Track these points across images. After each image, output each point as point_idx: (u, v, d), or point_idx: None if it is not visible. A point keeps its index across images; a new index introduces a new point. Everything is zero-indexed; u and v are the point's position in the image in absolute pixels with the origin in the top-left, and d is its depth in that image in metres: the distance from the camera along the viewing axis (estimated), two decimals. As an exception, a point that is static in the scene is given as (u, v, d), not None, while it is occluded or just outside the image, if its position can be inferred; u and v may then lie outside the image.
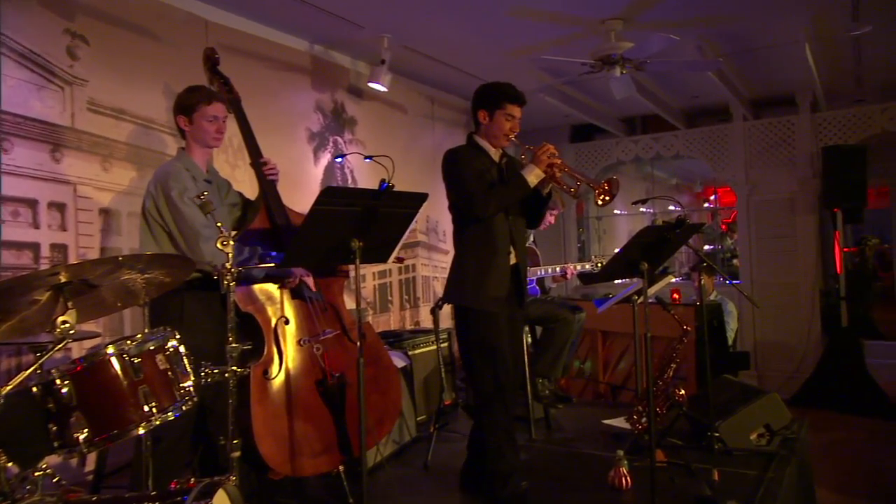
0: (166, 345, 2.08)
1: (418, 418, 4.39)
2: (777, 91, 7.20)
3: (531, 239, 4.47)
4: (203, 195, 2.45)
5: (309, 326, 3.00)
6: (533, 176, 2.99)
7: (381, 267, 5.82)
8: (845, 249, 6.84)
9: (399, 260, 4.18)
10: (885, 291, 10.53)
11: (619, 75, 5.02)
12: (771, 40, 5.54)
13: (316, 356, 2.96)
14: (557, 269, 4.47)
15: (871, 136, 6.98)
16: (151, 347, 2.04)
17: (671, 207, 10.38)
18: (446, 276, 3.21)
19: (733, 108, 7.52)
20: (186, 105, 2.93)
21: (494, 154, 3.19)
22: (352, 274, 2.85)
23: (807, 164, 7.17)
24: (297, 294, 3.03)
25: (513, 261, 3.13)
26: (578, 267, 4.53)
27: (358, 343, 2.57)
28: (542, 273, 4.35)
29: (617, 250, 3.11)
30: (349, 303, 3.30)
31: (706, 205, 12.54)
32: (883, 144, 7.27)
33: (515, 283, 3.14)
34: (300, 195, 4.63)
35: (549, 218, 4.53)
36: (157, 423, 1.96)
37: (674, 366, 3.96)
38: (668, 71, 6.11)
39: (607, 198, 2.94)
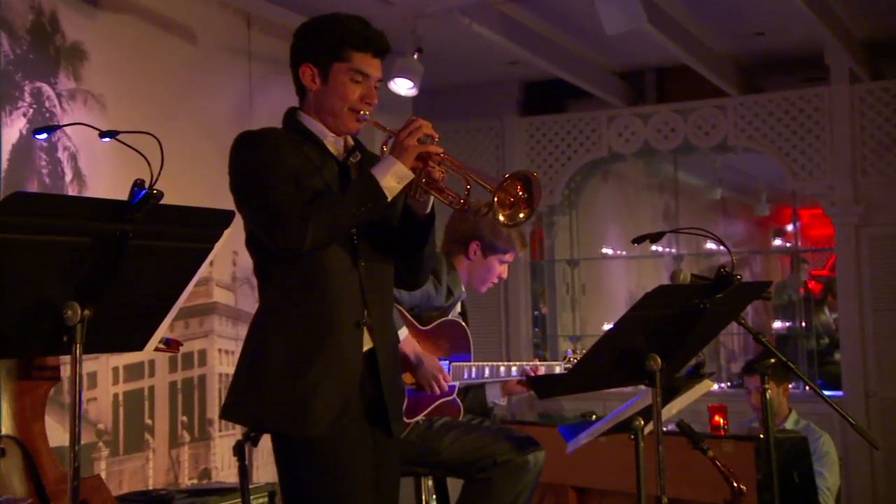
0: None
1: None
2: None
3: (458, 310, 4.55)
4: None
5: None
6: (391, 176, 3.09)
7: (131, 358, 5.74)
8: None
9: (170, 345, 4.09)
10: None
11: (614, -11, 5.23)
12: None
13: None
14: (513, 368, 4.54)
15: None
16: None
17: (710, 247, 10.73)
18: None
19: (832, 59, 7.97)
20: None
21: (334, 144, 3.31)
22: (67, 373, 2.78)
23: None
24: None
25: (366, 345, 3.22)
26: (558, 368, 4.60)
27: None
28: (474, 374, 4.39)
29: (607, 327, 3.20)
30: (59, 433, 3.15)
31: (777, 241, 13.09)
32: None
33: (374, 387, 3.23)
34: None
35: (499, 269, 4.61)
36: None
37: (715, 560, 4.05)
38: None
39: (521, 213, 3.07)
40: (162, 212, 2.56)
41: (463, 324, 4.48)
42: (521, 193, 3.07)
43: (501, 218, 3.06)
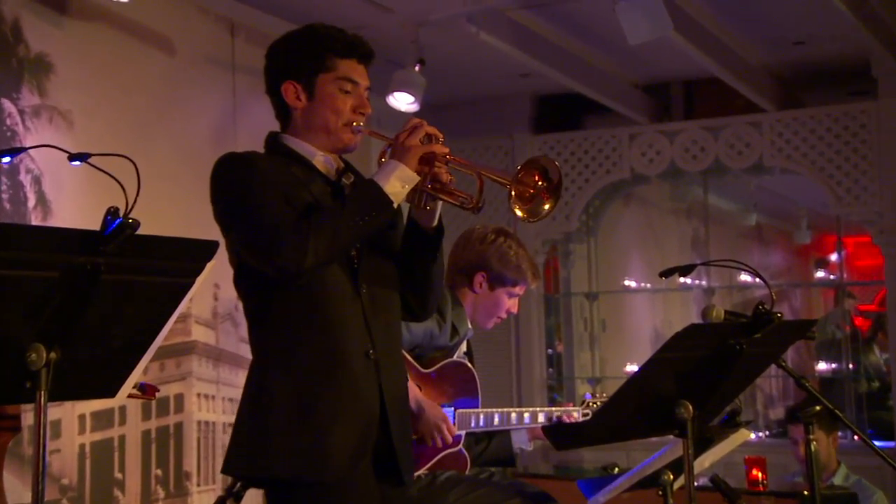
0: None
1: None
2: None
3: (463, 349, 4.53)
4: None
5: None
6: (395, 180, 3.13)
7: (99, 405, 5.72)
8: None
9: (146, 391, 4.08)
10: None
11: (637, -6, 5.25)
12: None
13: None
14: (525, 414, 4.53)
15: None
16: None
17: (744, 279, 10.68)
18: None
19: (879, 70, 7.97)
20: None
21: (324, 164, 3.34)
22: (29, 423, 2.78)
23: None
24: None
25: (374, 382, 3.22)
26: (577, 414, 4.60)
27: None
28: (482, 421, 4.38)
29: (630, 368, 3.19)
30: (19, 489, 3.14)
31: (820, 273, 13.03)
32: None
33: (382, 430, 3.23)
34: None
35: (508, 303, 4.60)
36: None
37: None
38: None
39: (544, 205, 3.09)
40: (138, 243, 2.55)
41: (469, 365, 4.46)
42: (539, 183, 3.09)
43: (521, 214, 3.07)
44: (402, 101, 6.94)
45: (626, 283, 10.29)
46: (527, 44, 7.23)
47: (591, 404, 4.72)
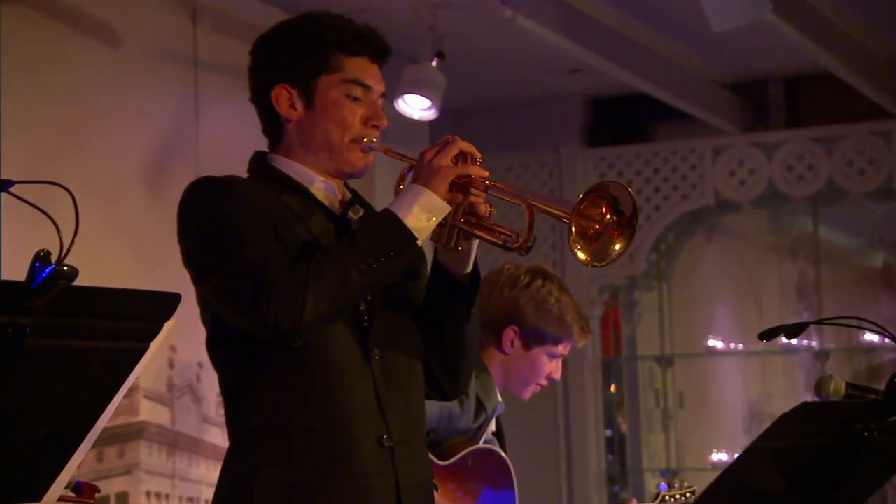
0: None
1: None
2: None
3: (492, 429, 4.55)
4: None
5: None
6: (420, 210, 3.12)
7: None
8: None
9: (82, 492, 4.11)
10: None
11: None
12: None
13: None
14: None
15: None
16: None
17: (869, 339, 10.63)
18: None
19: None
20: None
21: (324, 192, 3.35)
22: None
23: None
24: None
25: (389, 477, 3.22)
26: None
27: None
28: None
29: (718, 458, 3.18)
30: None
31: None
32: None
33: None
34: None
35: (548, 366, 4.61)
36: None
37: None
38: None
39: (616, 245, 3.07)
40: (76, 297, 2.55)
41: (501, 453, 4.47)
42: (608, 217, 3.07)
43: (584, 256, 3.05)
44: (416, 106, 6.97)
45: (711, 343, 10.27)
46: (578, 30, 7.26)
47: (667, 498, 4.72)
